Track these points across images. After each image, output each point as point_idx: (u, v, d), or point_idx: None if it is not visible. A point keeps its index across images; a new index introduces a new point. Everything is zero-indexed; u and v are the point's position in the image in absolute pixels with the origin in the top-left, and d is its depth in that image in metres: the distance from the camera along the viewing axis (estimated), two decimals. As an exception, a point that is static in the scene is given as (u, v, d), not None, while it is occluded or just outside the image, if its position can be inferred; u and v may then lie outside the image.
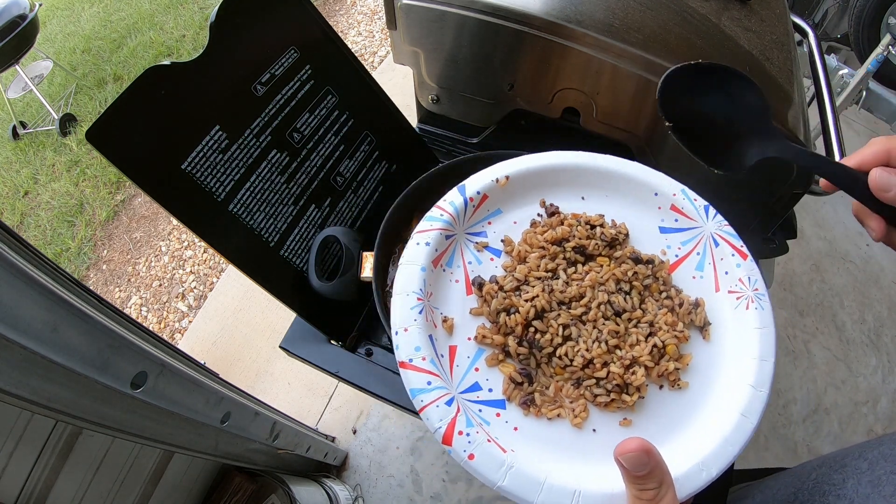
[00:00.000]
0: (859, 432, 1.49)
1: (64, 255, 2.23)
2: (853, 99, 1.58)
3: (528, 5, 0.64)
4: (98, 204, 2.37)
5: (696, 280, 0.45)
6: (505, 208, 0.48)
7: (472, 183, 0.47)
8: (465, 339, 0.42)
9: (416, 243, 0.44)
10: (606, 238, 0.45)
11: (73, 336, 0.44)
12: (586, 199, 0.48)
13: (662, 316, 0.43)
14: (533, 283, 0.43)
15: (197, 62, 0.55)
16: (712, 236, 0.46)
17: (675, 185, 0.48)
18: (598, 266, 0.45)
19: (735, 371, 0.42)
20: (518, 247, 0.46)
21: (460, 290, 0.44)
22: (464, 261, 0.45)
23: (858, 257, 1.82)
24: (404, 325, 0.40)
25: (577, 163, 0.48)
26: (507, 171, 0.47)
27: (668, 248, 0.46)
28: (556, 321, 0.42)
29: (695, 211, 0.47)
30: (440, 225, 0.45)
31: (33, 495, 0.60)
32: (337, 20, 2.99)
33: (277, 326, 1.73)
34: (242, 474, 0.96)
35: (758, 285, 0.43)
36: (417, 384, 0.39)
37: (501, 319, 0.42)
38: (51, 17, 3.44)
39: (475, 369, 0.41)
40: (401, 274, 0.42)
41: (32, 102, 2.84)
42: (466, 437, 0.37)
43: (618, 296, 0.43)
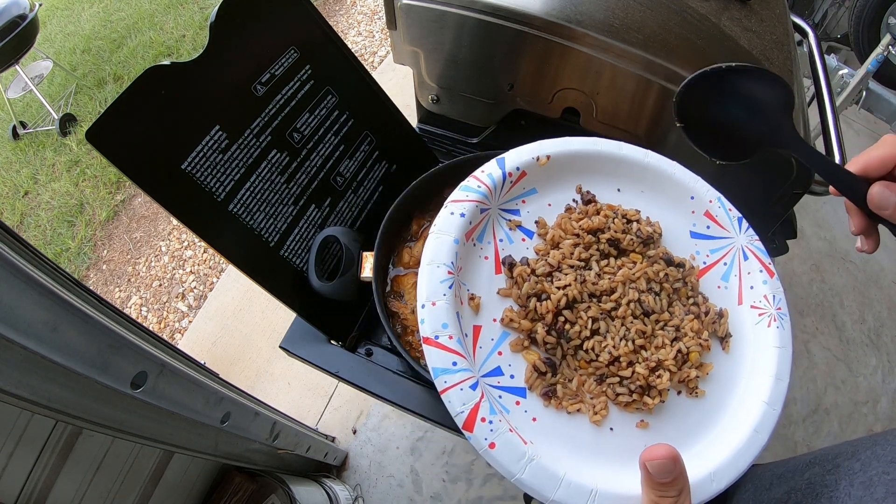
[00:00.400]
0: (859, 432, 1.49)
1: (64, 255, 2.23)
2: (853, 99, 1.58)
3: (529, 5, 0.64)
4: (98, 204, 2.37)
5: (720, 290, 0.45)
6: (541, 188, 0.47)
7: (512, 158, 0.45)
8: (490, 321, 0.41)
9: (450, 213, 0.42)
10: (642, 235, 0.44)
11: (73, 336, 0.44)
12: (622, 192, 0.48)
13: (689, 322, 0.43)
14: (566, 271, 0.42)
15: (197, 62, 0.55)
16: (742, 249, 0.46)
17: (712, 192, 0.47)
18: (631, 262, 0.44)
19: (751, 386, 0.42)
20: (552, 231, 0.44)
21: (489, 267, 0.43)
22: (495, 238, 0.44)
23: (858, 257, 1.82)
24: (432, 299, 0.38)
25: (620, 153, 0.47)
26: (549, 150, 0.46)
27: (698, 253, 0.46)
28: (586, 313, 0.41)
29: (728, 221, 0.47)
30: (476, 196, 0.43)
31: (33, 495, 0.60)
32: (337, 20, 2.99)
33: (277, 326, 1.73)
34: (242, 474, 0.96)
35: (781, 304, 0.43)
36: (441, 363, 0.36)
37: (531, 304, 0.41)
38: (51, 17, 3.44)
39: (498, 353, 0.40)
40: (432, 243, 0.41)
41: (32, 102, 2.84)
42: (489, 424, 0.35)
43: (648, 295, 0.42)
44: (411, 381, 0.66)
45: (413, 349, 0.65)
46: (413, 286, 0.69)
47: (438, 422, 0.64)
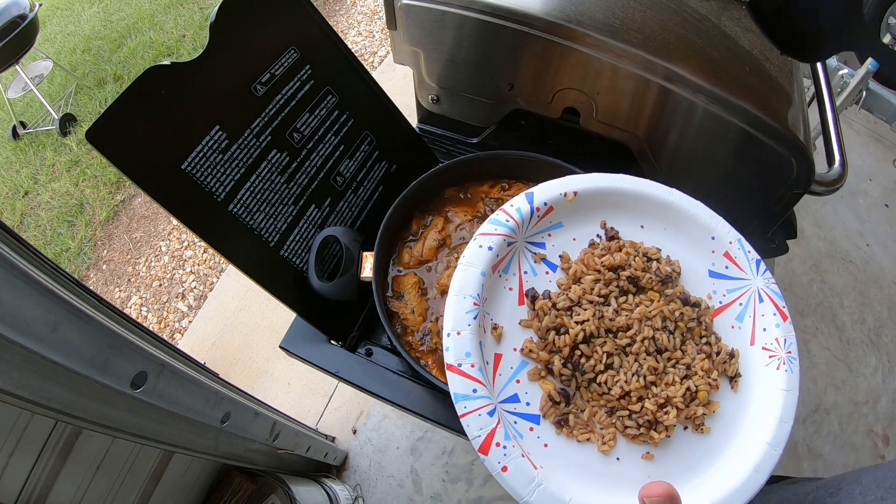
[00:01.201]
0: (859, 432, 1.49)
1: (64, 255, 2.23)
2: (853, 99, 1.58)
3: (529, 5, 0.64)
4: (98, 204, 2.37)
5: (734, 330, 0.46)
6: (567, 223, 0.48)
7: (541, 193, 0.47)
8: (510, 350, 0.43)
9: (478, 245, 0.44)
10: (661, 274, 0.46)
11: (73, 336, 0.44)
12: (645, 229, 0.49)
13: (700, 361, 0.44)
14: (585, 307, 0.44)
15: (197, 62, 0.55)
16: (759, 291, 0.47)
17: (732, 234, 0.49)
18: (649, 300, 0.45)
19: (755, 427, 0.43)
20: (575, 266, 0.46)
21: (513, 298, 0.45)
22: (520, 269, 0.46)
23: (858, 257, 1.82)
24: (458, 329, 0.41)
25: (644, 191, 0.49)
26: (577, 186, 0.48)
27: (714, 293, 0.47)
28: (602, 348, 0.43)
29: (747, 263, 0.48)
30: (504, 231, 0.45)
31: (33, 495, 0.60)
32: (337, 20, 2.99)
33: (277, 326, 1.73)
34: (242, 474, 0.96)
35: (791, 348, 0.44)
36: (462, 390, 0.40)
37: (550, 337, 0.43)
38: (51, 17, 3.44)
39: (516, 381, 0.42)
40: (460, 274, 0.43)
41: (32, 102, 2.84)
42: (503, 449, 0.38)
43: (662, 333, 0.44)
44: (411, 381, 0.66)
45: (413, 349, 0.65)
46: (413, 286, 0.69)
47: (438, 422, 0.64)
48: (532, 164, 0.75)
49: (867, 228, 1.89)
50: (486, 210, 0.76)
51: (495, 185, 0.78)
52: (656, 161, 0.72)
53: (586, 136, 0.75)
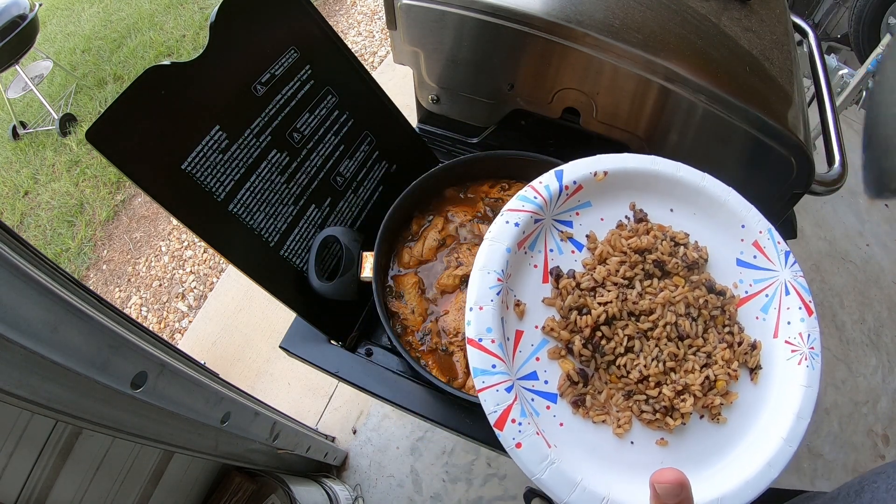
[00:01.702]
0: (859, 432, 1.49)
1: (64, 255, 2.23)
2: (853, 99, 1.58)
3: (529, 5, 0.64)
4: (98, 204, 2.37)
5: (758, 321, 0.46)
6: (595, 202, 0.47)
7: (570, 171, 0.46)
8: (532, 327, 0.43)
9: (504, 221, 0.43)
10: (688, 260, 0.45)
11: (73, 336, 0.44)
12: (674, 212, 0.48)
13: (721, 350, 0.43)
14: (609, 288, 0.43)
15: (197, 62, 0.55)
16: (786, 284, 0.46)
17: (763, 223, 0.48)
18: (673, 285, 0.45)
19: (772, 421, 0.43)
20: (601, 246, 0.45)
21: (537, 276, 0.44)
22: (546, 247, 0.45)
23: (858, 257, 1.82)
24: (480, 303, 0.40)
25: (676, 175, 0.48)
26: (607, 166, 0.47)
27: (741, 282, 0.47)
28: (623, 331, 0.42)
29: (776, 254, 0.47)
30: (531, 207, 0.44)
31: (33, 495, 0.60)
32: (337, 20, 2.99)
33: (277, 326, 1.73)
34: (242, 474, 0.96)
35: (814, 344, 0.44)
36: (482, 365, 0.39)
37: (572, 317, 0.42)
38: (51, 17, 3.44)
39: (536, 359, 0.42)
40: (486, 249, 0.42)
41: (32, 102, 2.84)
42: (518, 425, 0.38)
43: (685, 320, 0.43)
44: (411, 381, 0.66)
45: (413, 349, 0.65)
46: (413, 286, 0.69)
47: (438, 422, 0.64)
48: (532, 164, 0.75)
49: (867, 228, 1.89)
50: (486, 210, 0.76)
51: (495, 185, 0.78)
52: (656, 161, 0.72)
53: (586, 136, 0.75)
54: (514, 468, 1.38)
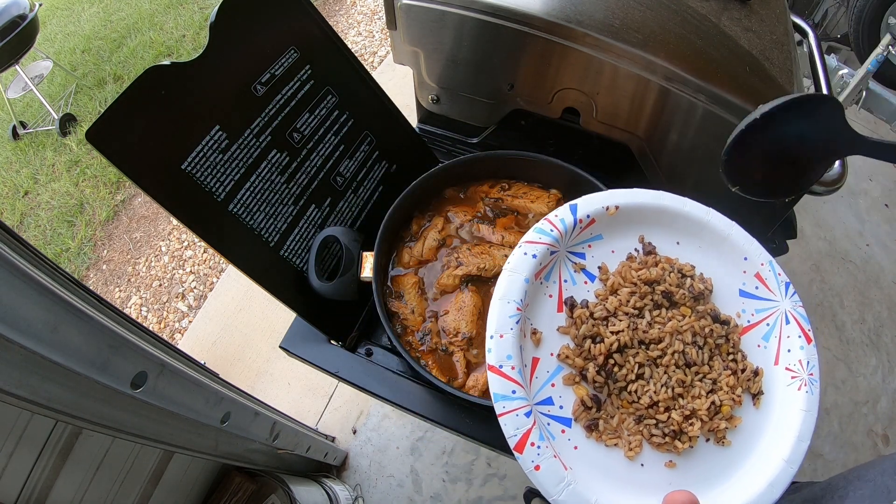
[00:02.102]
0: (859, 432, 1.49)
1: (64, 255, 2.23)
2: (853, 99, 1.58)
3: (529, 5, 0.64)
4: (98, 204, 2.37)
5: (760, 349, 0.48)
6: (606, 235, 0.50)
7: (584, 205, 0.49)
8: (548, 354, 0.45)
9: (523, 252, 0.46)
10: (694, 291, 0.47)
11: (73, 336, 0.44)
12: (681, 245, 0.50)
13: (726, 377, 0.45)
14: (621, 318, 0.46)
15: (197, 62, 0.55)
16: (786, 313, 0.48)
17: (764, 255, 0.50)
18: (681, 315, 0.47)
19: (774, 443, 0.44)
20: (613, 278, 0.48)
21: (552, 305, 0.47)
22: (560, 278, 0.48)
23: (858, 257, 1.82)
24: (500, 332, 0.43)
25: (682, 209, 0.50)
26: (619, 201, 0.49)
27: (743, 311, 0.49)
28: (634, 358, 0.44)
29: (776, 285, 0.49)
30: (548, 240, 0.47)
31: (33, 495, 0.60)
32: (337, 20, 2.99)
33: (277, 326, 1.73)
34: (242, 474, 0.96)
35: (813, 370, 0.46)
36: (502, 390, 0.41)
37: (586, 345, 0.45)
38: (51, 17, 3.44)
39: (551, 384, 0.44)
40: (505, 280, 0.45)
41: (32, 102, 2.84)
42: (537, 448, 0.40)
43: (692, 348, 0.45)
44: (411, 381, 0.66)
45: (413, 349, 0.65)
46: (413, 286, 0.69)
47: (438, 422, 0.64)
48: (532, 164, 0.75)
49: (867, 228, 1.89)
50: (485, 210, 0.76)
51: (495, 185, 0.78)
52: (656, 161, 0.72)
53: (586, 136, 0.75)
54: (514, 468, 1.38)
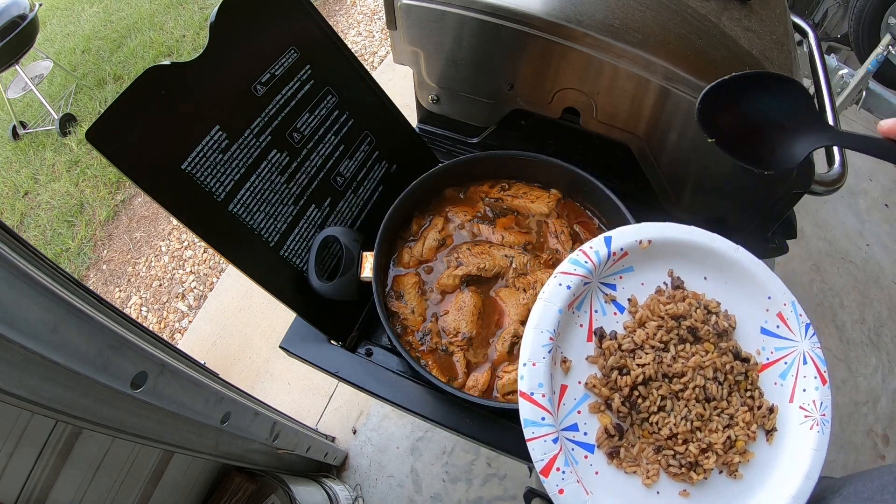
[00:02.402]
0: (859, 432, 1.50)
1: (64, 255, 2.23)
2: (853, 99, 1.58)
3: (529, 5, 0.64)
4: (98, 204, 2.37)
5: (776, 386, 0.49)
6: (637, 267, 0.51)
7: (618, 239, 0.50)
8: (576, 382, 0.47)
9: (558, 283, 0.47)
10: (719, 328, 0.49)
11: (73, 336, 0.44)
12: (708, 280, 0.52)
13: (742, 413, 0.47)
14: (647, 350, 0.47)
15: (197, 62, 0.55)
16: (804, 354, 0.50)
17: (787, 296, 0.51)
18: (704, 351, 0.48)
19: (783, 480, 0.46)
20: (641, 311, 0.49)
21: (582, 335, 0.49)
22: (591, 308, 0.50)
23: (858, 257, 1.82)
24: (533, 360, 0.45)
25: (712, 245, 0.51)
26: (651, 235, 0.51)
27: (763, 349, 0.50)
28: (657, 391, 0.46)
29: (797, 326, 0.51)
30: (582, 272, 0.48)
31: (33, 495, 0.60)
32: (337, 20, 2.99)
33: (277, 326, 1.73)
34: (242, 474, 0.96)
35: (826, 412, 0.48)
36: (532, 417, 0.43)
37: (613, 376, 0.46)
38: (51, 17, 3.44)
39: (578, 412, 0.46)
40: (539, 309, 0.46)
41: (32, 102, 2.84)
42: (562, 473, 0.42)
43: (712, 384, 0.47)
44: (411, 381, 0.66)
45: (413, 349, 0.65)
46: (413, 286, 0.69)
47: (438, 422, 0.64)
48: (532, 164, 0.75)
49: (867, 228, 1.89)
50: (485, 210, 0.76)
51: (495, 185, 0.78)
52: (656, 161, 0.72)
53: (586, 136, 0.75)
54: (514, 468, 1.38)
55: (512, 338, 0.64)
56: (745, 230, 0.75)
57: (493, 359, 0.64)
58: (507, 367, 0.64)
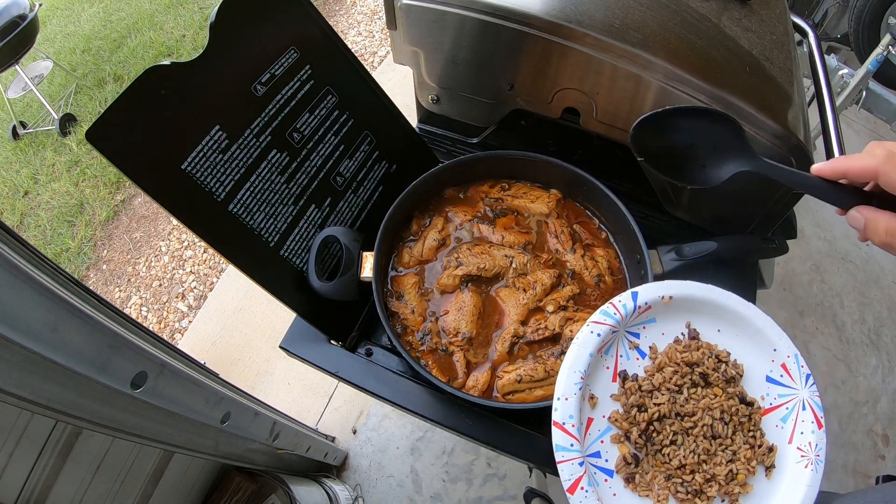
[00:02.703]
0: (859, 432, 1.50)
1: (64, 255, 2.23)
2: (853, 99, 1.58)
3: (529, 5, 0.64)
4: (98, 204, 2.37)
5: (777, 428, 0.56)
6: (659, 319, 0.59)
7: (644, 294, 0.58)
8: (600, 416, 0.55)
9: (590, 331, 0.56)
10: (727, 375, 0.56)
11: (73, 336, 0.44)
12: (721, 332, 0.59)
13: (745, 450, 0.54)
14: (663, 392, 0.55)
15: (197, 62, 0.55)
16: (804, 401, 0.56)
17: (791, 349, 0.57)
18: (713, 394, 0.56)
19: None
20: (661, 357, 0.57)
21: (608, 375, 0.56)
22: (617, 353, 0.57)
23: (858, 257, 1.82)
24: (566, 395, 0.53)
25: (726, 303, 0.58)
26: (673, 292, 0.58)
27: (767, 395, 0.57)
28: (670, 427, 0.54)
29: (798, 376, 0.57)
30: (612, 322, 0.56)
31: (33, 495, 0.60)
32: (337, 20, 2.99)
33: (277, 326, 1.73)
34: (242, 474, 0.96)
35: (820, 452, 0.54)
36: (563, 443, 0.51)
37: (633, 412, 0.54)
38: (51, 17, 3.44)
39: (601, 441, 0.54)
40: (574, 353, 0.55)
41: (32, 102, 2.84)
42: (585, 492, 0.50)
43: (719, 423, 0.55)
44: (411, 381, 0.66)
45: (413, 349, 0.65)
46: (413, 286, 0.69)
47: (438, 422, 0.64)
48: (532, 164, 0.75)
49: (867, 228, 1.89)
50: (485, 210, 0.76)
51: (495, 185, 0.78)
52: (656, 161, 0.72)
53: (586, 136, 0.75)
54: (514, 468, 1.38)
55: (512, 338, 0.64)
56: (745, 230, 0.75)
57: (493, 359, 0.64)
58: (507, 367, 0.64)
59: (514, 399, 0.62)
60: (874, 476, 1.25)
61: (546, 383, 0.62)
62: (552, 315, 0.66)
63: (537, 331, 0.65)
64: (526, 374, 0.61)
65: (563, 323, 0.65)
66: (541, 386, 0.62)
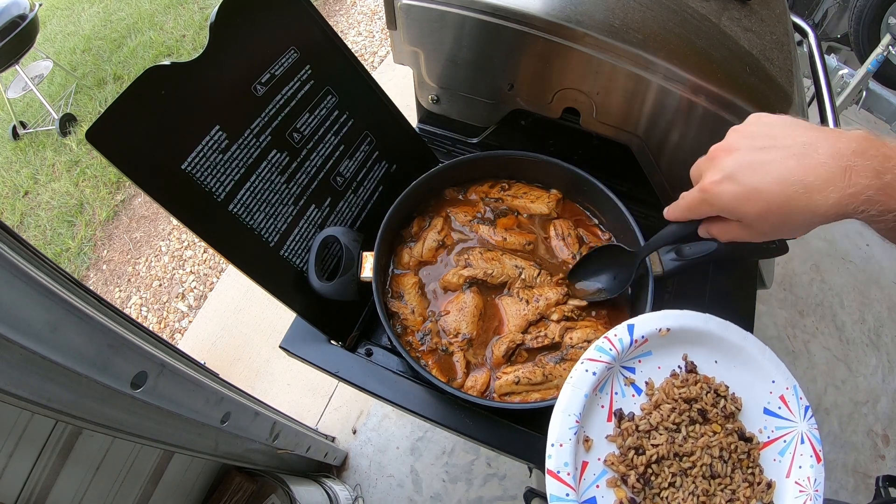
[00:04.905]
0: (859, 432, 1.50)
1: (64, 255, 2.23)
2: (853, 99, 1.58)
3: (529, 5, 0.64)
4: (98, 204, 2.37)
5: (775, 462, 0.54)
6: (655, 352, 0.57)
7: (640, 327, 0.56)
8: (595, 459, 0.52)
9: (585, 369, 0.53)
10: (726, 411, 0.54)
11: (73, 336, 0.44)
12: (718, 364, 0.57)
13: (743, 488, 0.53)
14: (661, 432, 0.53)
15: (197, 62, 0.55)
16: (802, 434, 0.54)
17: (790, 380, 0.56)
18: (712, 431, 0.54)
19: None
20: (657, 394, 0.55)
21: (603, 415, 0.54)
22: (612, 390, 0.55)
23: (858, 257, 1.82)
24: (560, 441, 0.50)
25: (723, 334, 0.57)
26: (670, 324, 0.56)
27: (765, 428, 0.56)
28: (669, 469, 0.52)
29: (797, 408, 0.55)
30: (607, 358, 0.54)
31: (33, 495, 0.60)
32: (337, 20, 2.99)
33: (277, 326, 1.73)
34: (242, 474, 0.96)
35: (819, 487, 0.52)
36: (558, 493, 0.49)
37: (630, 455, 0.52)
38: (51, 17, 3.44)
39: (596, 486, 0.51)
40: (568, 393, 0.52)
41: (32, 102, 2.84)
42: None
43: (718, 462, 0.53)
44: (411, 381, 0.66)
45: (413, 349, 0.65)
46: (413, 286, 0.69)
47: (438, 422, 0.64)
48: (532, 164, 0.75)
49: (867, 228, 1.88)
50: (485, 210, 0.76)
51: (495, 185, 0.78)
52: (656, 161, 0.72)
53: (586, 136, 0.75)
54: (514, 468, 1.38)
55: (509, 343, 0.64)
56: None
57: (491, 363, 0.64)
58: (507, 368, 0.64)
59: (512, 399, 0.62)
60: (874, 476, 1.25)
61: (543, 387, 0.62)
62: (553, 324, 0.66)
63: (537, 338, 0.64)
64: (524, 376, 0.61)
65: (563, 332, 0.65)
66: (538, 390, 0.62)
